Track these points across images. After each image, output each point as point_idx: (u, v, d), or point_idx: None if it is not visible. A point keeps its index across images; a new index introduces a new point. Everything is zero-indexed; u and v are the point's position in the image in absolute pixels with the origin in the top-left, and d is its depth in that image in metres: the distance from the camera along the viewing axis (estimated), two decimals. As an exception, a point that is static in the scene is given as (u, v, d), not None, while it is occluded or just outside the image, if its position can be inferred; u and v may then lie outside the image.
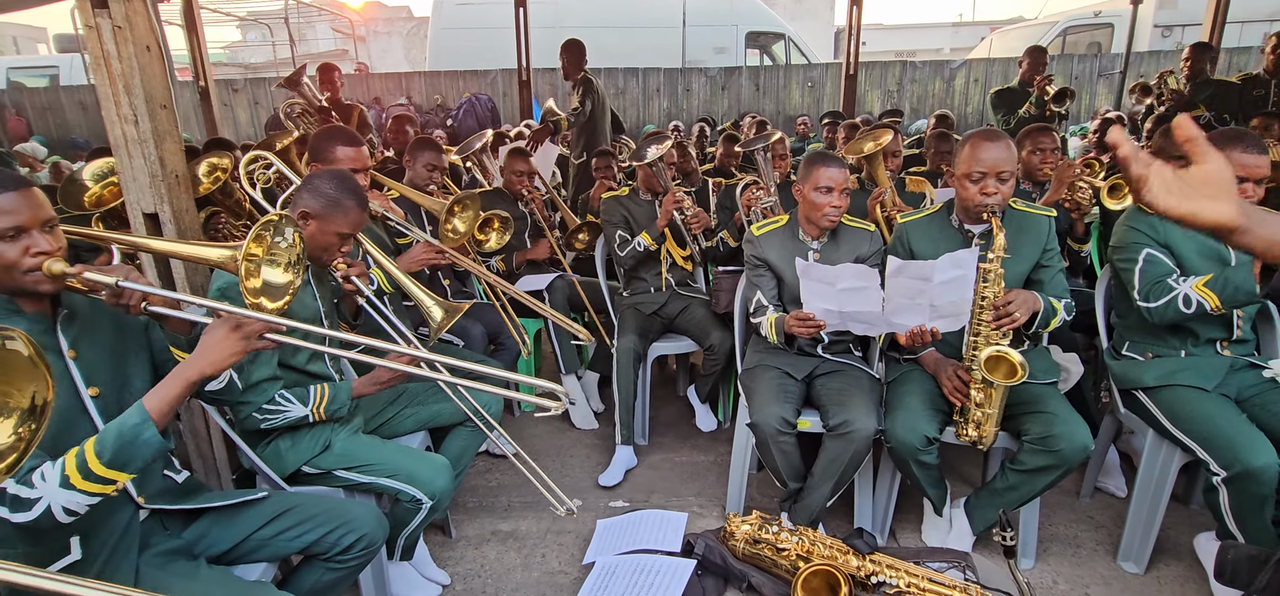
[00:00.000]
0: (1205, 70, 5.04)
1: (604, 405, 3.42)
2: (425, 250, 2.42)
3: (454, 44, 10.04)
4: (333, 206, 1.83)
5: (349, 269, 1.96)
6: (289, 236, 1.45)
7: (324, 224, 1.83)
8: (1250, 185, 1.97)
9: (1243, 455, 1.79)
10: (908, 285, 1.87)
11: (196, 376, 1.30)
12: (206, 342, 1.32)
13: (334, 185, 1.85)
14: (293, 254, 1.45)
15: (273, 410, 1.73)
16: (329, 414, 1.83)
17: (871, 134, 3.14)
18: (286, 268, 1.43)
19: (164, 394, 1.27)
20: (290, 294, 1.41)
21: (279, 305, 1.37)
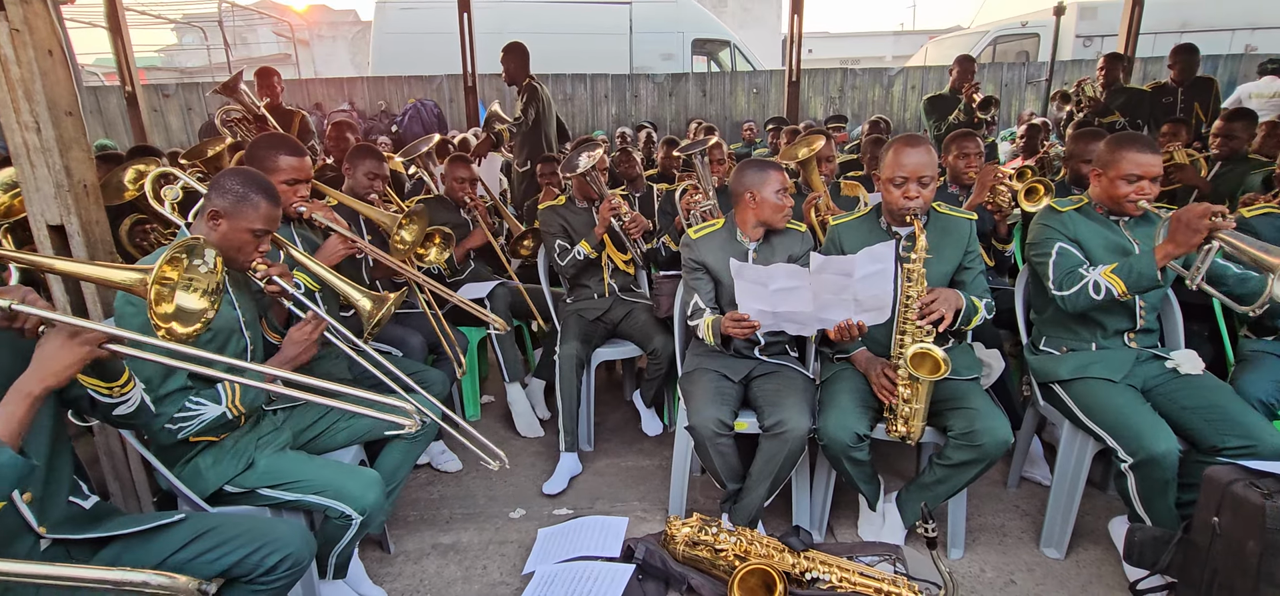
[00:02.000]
0: (1119, 79, 5.34)
1: (550, 412, 3.40)
2: (340, 241, 2.36)
3: (398, 49, 9.85)
4: (242, 202, 1.77)
5: (269, 269, 1.88)
6: (210, 261, 1.40)
7: (235, 222, 1.77)
8: (1146, 183, 2.10)
9: (1147, 442, 1.90)
10: (832, 280, 1.93)
11: (39, 389, 1.22)
12: (42, 353, 1.24)
13: (241, 181, 1.79)
14: (212, 281, 1.39)
15: (186, 416, 1.65)
16: (248, 406, 1.75)
17: (805, 140, 3.21)
18: (203, 294, 1.37)
19: (7, 412, 1.20)
20: (202, 323, 1.36)
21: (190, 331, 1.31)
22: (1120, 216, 2.20)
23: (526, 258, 3.72)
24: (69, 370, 1.26)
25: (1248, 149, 4.00)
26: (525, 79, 4.91)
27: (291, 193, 2.29)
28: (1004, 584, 2.16)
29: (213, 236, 1.78)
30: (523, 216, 4.64)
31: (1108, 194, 2.18)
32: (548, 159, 4.42)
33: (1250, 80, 7.75)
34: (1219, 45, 9.98)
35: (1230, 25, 10.65)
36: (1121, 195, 2.13)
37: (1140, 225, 2.20)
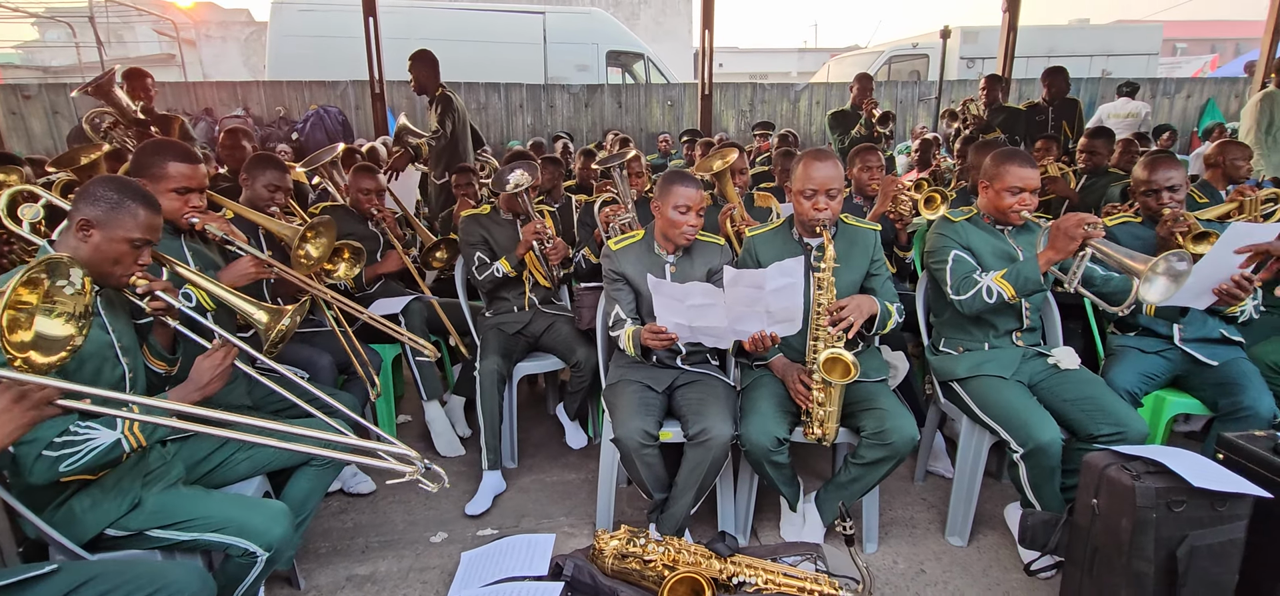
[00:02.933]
0: (999, 98, 5.82)
1: (471, 429, 3.31)
2: (252, 263, 2.21)
3: (296, 52, 9.34)
4: (117, 209, 1.61)
5: (151, 285, 1.71)
6: (77, 281, 1.26)
7: (110, 231, 1.61)
8: (1027, 194, 2.30)
9: (1034, 433, 2.07)
10: (745, 293, 1.98)
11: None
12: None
13: (116, 187, 1.64)
14: (80, 304, 1.26)
15: (70, 444, 1.45)
16: (150, 438, 1.59)
17: (719, 153, 3.30)
18: (69, 319, 1.24)
19: None
20: (68, 350, 1.23)
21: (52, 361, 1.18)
22: (1005, 225, 2.40)
23: (441, 270, 3.61)
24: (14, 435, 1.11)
25: (1108, 164, 4.45)
26: (437, 88, 4.77)
27: (182, 202, 2.12)
28: (915, 573, 2.28)
29: (83, 250, 1.61)
30: (438, 229, 4.51)
31: (994, 205, 2.37)
32: (463, 169, 4.32)
33: (1108, 102, 8.67)
34: (1080, 70, 11.09)
35: (1089, 52, 11.90)
36: (1006, 206, 2.32)
37: (1022, 234, 2.40)
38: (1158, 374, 2.47)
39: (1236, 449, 1.92)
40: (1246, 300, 2.24)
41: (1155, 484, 1.73)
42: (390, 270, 3.36)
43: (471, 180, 4.24)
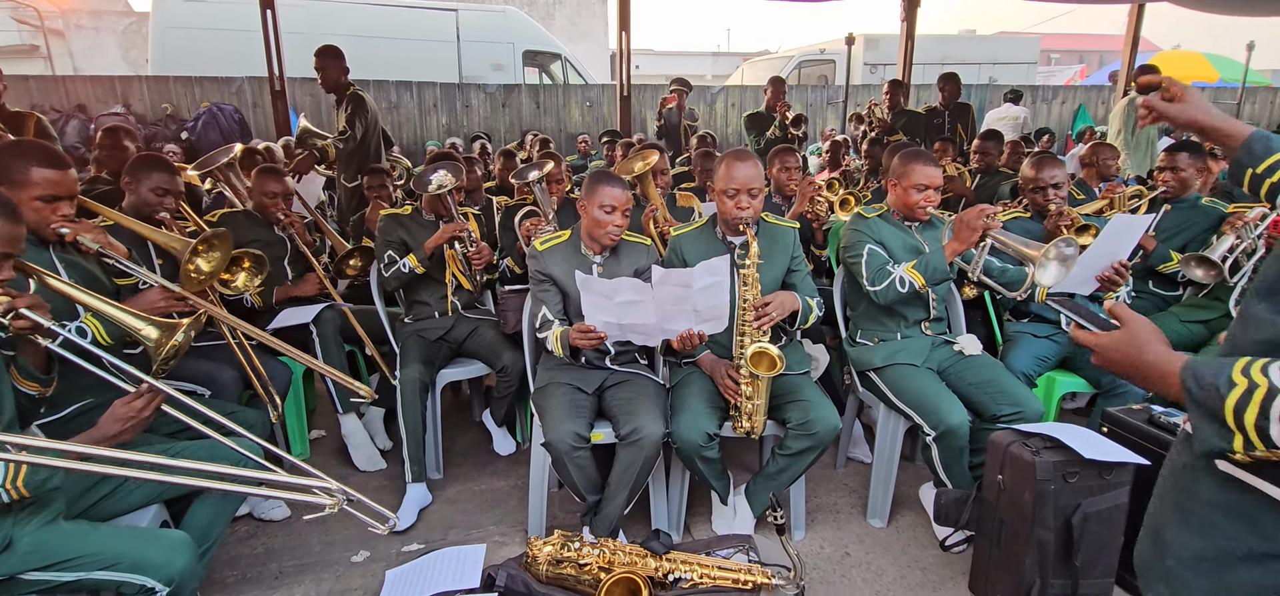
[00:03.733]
0: (901, 102, 6.16)
1: (391, 441, 3.17)
2: (161, 297, 2.02)
3: (184, 45, 8.65)
4: None
5: (14, 302, 1.53)
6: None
7: None
8: (931, 191, 2.45)
9: (945, 417, 2.20)
10: (673, 292, 2.00)
11: None
12: None
13: None
14: None
15: None
16: (33, 489, 1.42)
17: (640, 154, 3.33)
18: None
19: None
20: None
21: None
22: (912, 221, 2.54)
23: (355, 277, 3.43)
24: None
25: (999, 163, 4.81)
26: (346, 86, 4.54)
27: (49, 211, 1.93)
28: (840, 556, 2.38)
29: None
30: (349, 234, 4.29)
31: (902, 202, 2.51)
32: (375, 170, 4.14)
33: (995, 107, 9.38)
34: (969, 76, 11.93)
35: (977, 60, 12.83)
36: (913, 202, 2.46)
37: (927, 229, 2.55)
38: (1048, 356, 2.68)
39: (1118, 422, 2.11)
40: (1122, 287, 2.48)
41: (1052, 458, 1.88)
42: (307, 293, 3.15)
43: (385, 182, 4.06)
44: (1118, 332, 1.05)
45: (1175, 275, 2.93)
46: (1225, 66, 13.55)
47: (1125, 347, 1.03)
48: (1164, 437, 1.98)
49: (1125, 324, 1.04)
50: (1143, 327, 1.03)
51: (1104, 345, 1.06)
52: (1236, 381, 0.87)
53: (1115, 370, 1.06)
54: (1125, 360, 1.03)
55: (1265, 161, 1.23)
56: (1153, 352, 1.01)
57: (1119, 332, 1.04)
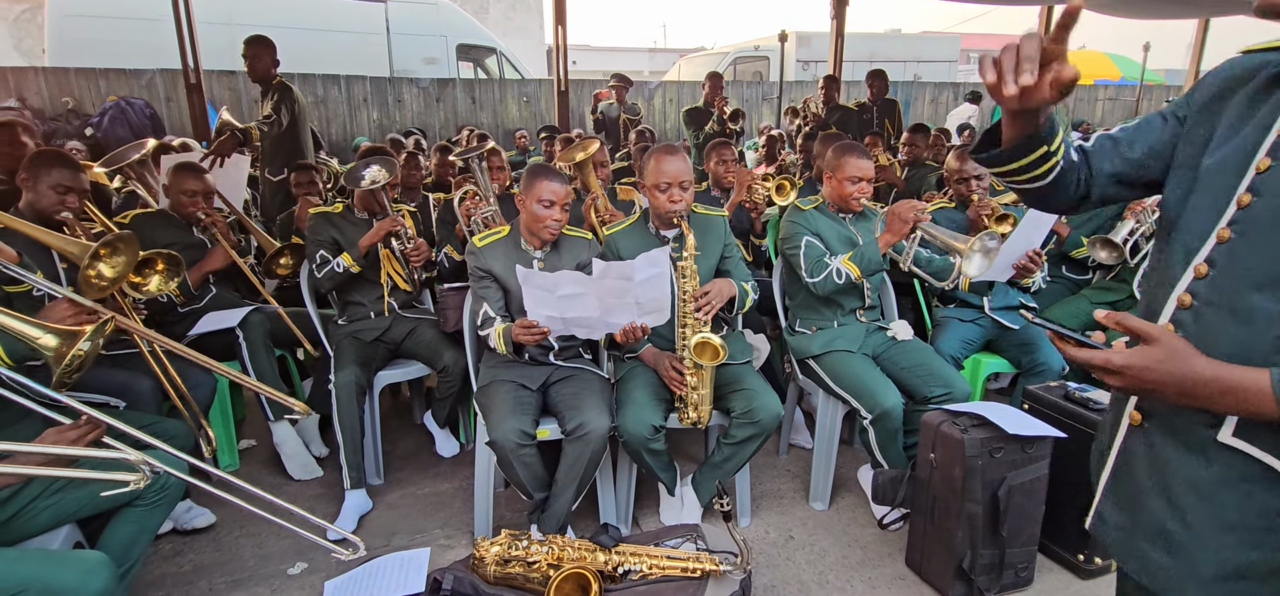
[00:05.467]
0: (835, 98, 6.35)
1: (328, 448, 3.05)
2: (68, 309, 1.87)
3: (84, 35, 8.03)
4: None
5: None
6: None
7: None
8: (864, 183, 2.54)
9: (880, 400, 2.29)
10: (614, 285, 2.01)
11: None
12: None
13: None
14: None
15: None
16: None
17: (582, 144, 3.32)
18: None
19: None
20: None
21: None
22: (846, 213, 2.62)
23: (285, 277, 3.27)
24: None
25: (926, 155, 5.02)
26: (274, 77, 4.32)
27: None
28: (784, 540, 2.44)
29: None
30: (276, 233, 4.10)
31: (836, 194, 2.59)
32: (303, 166, 3.96)
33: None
34: (895, 74, 12.42)
35: (902, 58, 13.37)
36: (847, 194, 2.55)
37: (860, 220, 2.64)
38: (974, 339, 2.83)
39: (1038, 399, 2.25)
40: (1037, 273, 2.64)
41: (980, 435, 1.98)
42: (216, 267, 2.97)
43: (314, 178, 3.90)
44: (1152, 350, 0.89)
45: (1085, 260, 3.14)
46: (1125, 65, 14.58)
47: (1166, 363, 0.88)
48: (1081, 413, 2.12)
49: (1156, 339, 0.89)
50: (1178, 339, 0.90)
51: (1139, 366, 0.89)
52: None
53: (1154, 391, 0.90)
54: (1170, 378, 0.88)
55: (1056, 138, 1.13)
56: (1203, 363, 0.88)
57: (1154, 349, 0.89)
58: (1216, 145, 1.01)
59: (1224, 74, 1.04)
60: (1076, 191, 1.14)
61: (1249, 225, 0.94)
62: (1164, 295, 1.03)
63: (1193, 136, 1.06)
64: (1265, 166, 0.93)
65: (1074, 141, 1.13)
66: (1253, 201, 0.94)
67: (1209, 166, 1.00)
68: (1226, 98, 1.03)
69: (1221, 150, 1.00)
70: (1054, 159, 1.07)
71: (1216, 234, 0.97)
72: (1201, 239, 0.99)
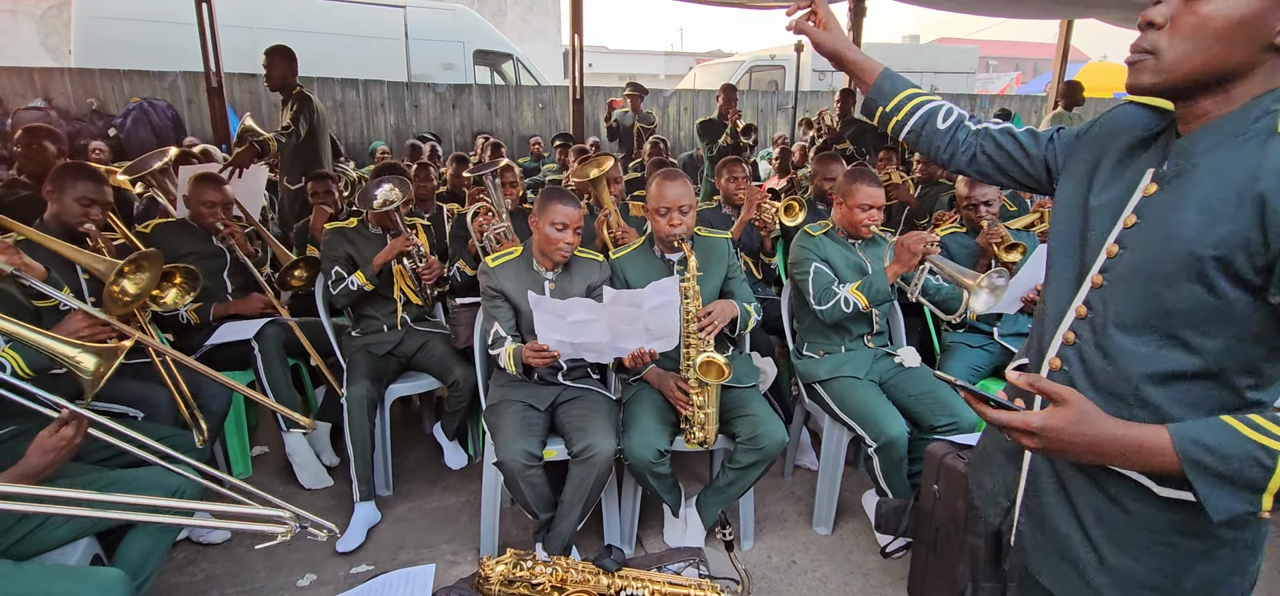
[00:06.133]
0: (851, 111, 6.34)
1: (338, 458, 3.10)
2: (84, 323, 1.93)
3: (110, 36, 8.18)
4: None
5: None
6: None
7: None
8: (874, 211, 2.55)
9: (885, 429, 2.29)
10: (624, 312, 2.05)
11: None
12: None
13: None
14: None
15: None
16: None
17: (595, 161, 3.35)
18: None
19: None
20: None
21: None
22: (856, 239, 2.63)
23: (300, 288, 3.33)
24: None
25: (940, 174, 5.00)
26: (294, 87, 4.39)
27: None
28: (787, 565, 2.45)
29: None
30: (292, 241, 4.17)
31: (847, 219, 2.60)
32: (319, 176, 4.03)
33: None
34: (913, 84, 12.35)
35: (919, 69, 13.29)
36: (857, 221, 2.56)
37: (870, 246, 2.65)
38: (982, 365, 2.82)
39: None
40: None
41: (983, 469, 1.98)
42: (249, 313, 3.05)
43: (330, 188, 3.96)
44: (1062, 411, 0.94)
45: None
46: (1145, 79, 14.34)
47: (1077, 425, 0.93)
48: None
49: (1065, 400, 0.94)
50: (1085, 402, 0.95)
51: (1053, 429, 0.94)
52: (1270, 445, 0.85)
53: (1065, 450, 0.95)
54: (1078, 438, 0.93)
55: (892, 100, 1.34)
56: (1110, 425, 0.94)
57: (1064, 411, 0.94)
58: (1100, 187, 1.11)
59: (1111, 118, 1.15)
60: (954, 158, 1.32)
61: (1117, 275, 1.04)
62: (1051, 331, 1.14)
63: (1073, 170, 1.17)
64: (1132, 222, 1.03)
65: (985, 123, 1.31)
66: (1120, 253, 1.04)
67: (1095, 208, 1.10)
68: (1110, 141, 1.13)
69: (1104, 194, 1.09)
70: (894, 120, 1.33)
71: (1091, 279, 1.08)
72: (1079, 283, 1.10)
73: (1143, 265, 1.00)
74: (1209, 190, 0.95)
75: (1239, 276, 0.92)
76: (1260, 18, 0.89)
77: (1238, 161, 0.93)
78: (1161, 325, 1.00)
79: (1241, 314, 0.94)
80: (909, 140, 1.36)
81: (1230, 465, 0.87)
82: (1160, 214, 0.99)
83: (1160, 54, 0.96)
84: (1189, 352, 0.98)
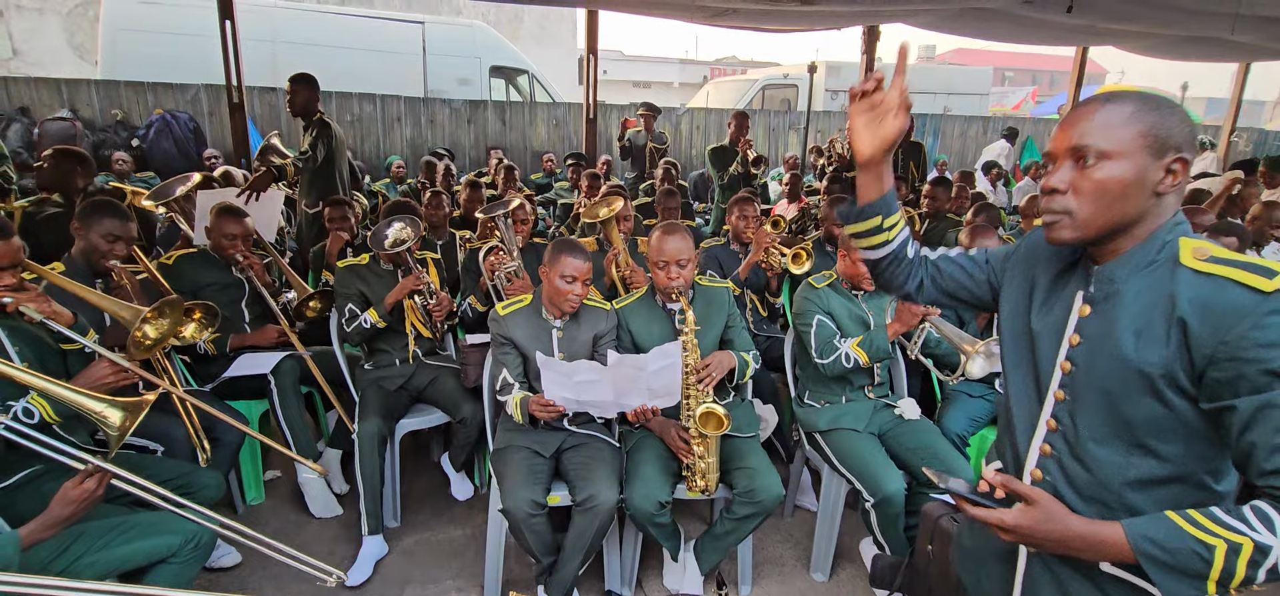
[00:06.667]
0: (859, 140, 6.37)
1: (348, 484, 3.18)
2: (110, 371, 2.01)
3: (135, 49, 8.37)
4: None
5: None
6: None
7: None
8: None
9: (883, 485, 2.33)
10: (627, 373, 2.12)
11: None
12: None
13: None
14: None
15: None
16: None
17: (605, 201, 3.42)
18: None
19: None
20: None
21: None
22: (858, 290, 2.68)
23: (314, 317, 3.41)
24: None
25: (947, 208, 5.03)
26: (315, 113, 4.50)
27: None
28: (783, 613, 2.50)
29: None
30: (309, 264, 4.26)
31: (850, 271, 2.65)
32: (336, 201, 4.12)
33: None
34: (926, 105, 12.39)
35: (933, 90, 13.30)
36: (860, 274, 2.61)
37: (873, 298, 2.69)
38: (981, 416, 2.85)
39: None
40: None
41: (976, 534, 2.02)
42: (264, 344, 3.14)
43: (346, 214, 4.05)
44: (1032, 510, 1.07)
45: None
46: (1162, 103, 14.28)
47: (1046, 524, 1.06)
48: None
49: (1035, 501, 1.07)
50: (1053, 503, 1.08)
51: (1025, 527, 1.06)
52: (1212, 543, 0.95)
53: (1037, 544, 1.09)
54: (1048, 535, 1.06)
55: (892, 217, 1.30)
56: (1076, 522, 1.06)
57: (1034, 510, 1.07)
58: (1038, 310, 1.20)
59: (1033, 243, 1.26)
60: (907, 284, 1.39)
61: (1077, 390, 1.13)
62: (1026, 444, 1.21)
63: (1010, 291, 1.27)
64: (1076, 342, 1.13)
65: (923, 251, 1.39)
66: (1073, 370, 1.13)
67: (1038, 331, 1.19)
68: (1037, 265, 1.24)
69: (1044, 318, 1.19)
70: (884, 236, 1.31)
71: (1053, 394, 1.16)
72: (1041, 398, 1.18)
73: (1098, 381, 1.10)
74: (1137, 313, 1.07)
75: (1182, 389, 1.03)
76: (1143, 175, 1.04)
77: (1155, 286, 1.06)
78: (1126, 435, 1.09)
79: (1192, 421, 1.04)
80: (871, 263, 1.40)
81: (1175, 557, 0.98)
82: (1100, 332, 1.10)
83: (1073, 215, 1.08)
84: (1158, 459, 1.08)
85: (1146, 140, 1.03)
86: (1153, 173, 1.04)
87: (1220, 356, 0.98)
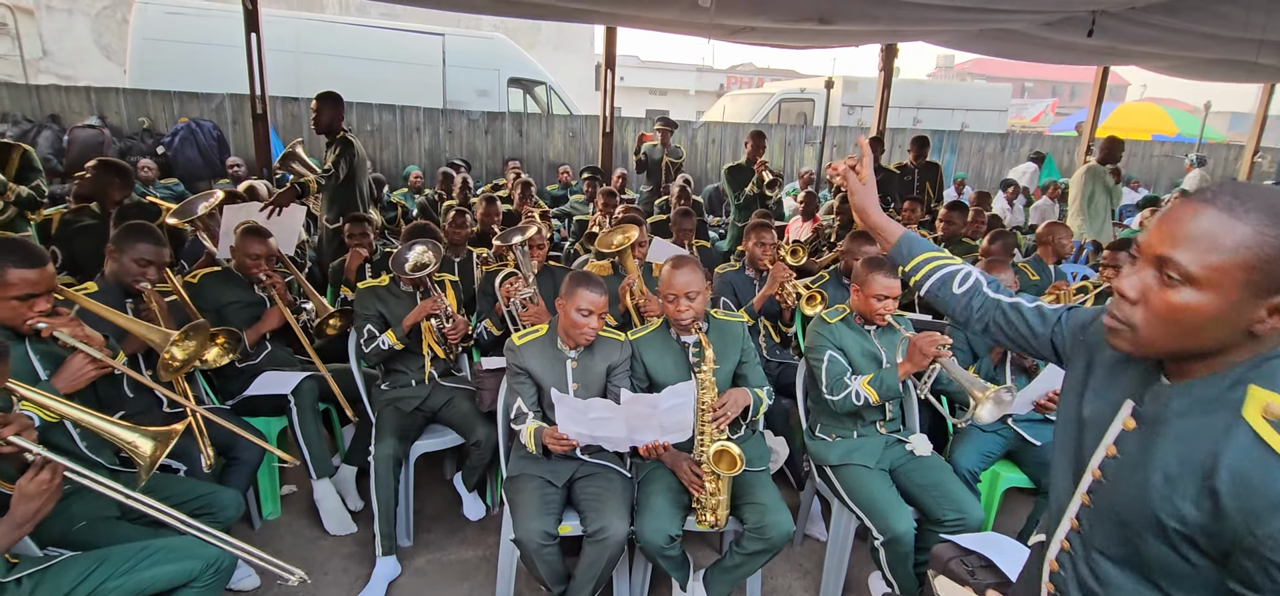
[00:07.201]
0: (877, 160, 6.38)
1: (362, 501, 3.22)
2: (87, 364, 2.03)
3: (163, 58, 8.55)
4: None
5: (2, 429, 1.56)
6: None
7: None
8: (890, 300, 2.60)
9: (892, 524, 2.34)
10: (640, 411, 2.15)
11: None
12: None
13: None
14: None
15: None
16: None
17: (620, 229, 3.46)
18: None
19: None
20: None
21: None
22: (871, 326, 2.69)
23: (333, 336, 3.48)
24: None
25: (963, 233, 5.02)
26: (339, 131, 4.57)
27: (25, 308, 1.99)
28: (791, 648, 2.50)
29: None
30: (327, 278, 4.34)
31: (862, 306, 2.66)
32: (356, 217, 4.19)
33: (965, 153, 9.73)
34: (942, 121, 12.33)
35: (951, 106, 13.25)
36: (873, 309, 2.61)
37: (885, 334, 2.70)
38: (994, 452, 2.85)
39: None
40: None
41: (986, 580, 2.02)
42: (272, 327, 3.20)
43: (366, 230, 4.12)
44: None
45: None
46: (1184, 121, 14.12)
47: None
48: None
49: None
50: None
51: None
52: None
53: None
54: None
55: (911, 262, 1.46)
56: None
57: None
58: (1091, 396, 1.11)
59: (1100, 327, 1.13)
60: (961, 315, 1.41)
61: (1098, 505, 1.05)
62: (1055, 530, 1.14)
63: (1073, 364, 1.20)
64: (1113, 453, 1.03)
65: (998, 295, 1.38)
66: (1102, 480, 1.04)
67: (1086, 419, 1.10)
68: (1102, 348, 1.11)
69: (1093, 406, 1.10)
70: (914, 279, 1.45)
71: (1081, 495, 1.07)
72: (1075, 486, 1.10)
73: (1117, 510, 1.01)
74: (1173, 459, 0.94)
75: (1203, 550, 0.92)
76: (1233, 313, 0.86)
77: (1204, 434, 0.91)
78: (1140, 567, 1.00)
79: (1214, 581, 0.93)
80: (928, 298, 1.46)
81: None
82: (1134, 458, 1.00)
83: (1136, 330, 0.95)
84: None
85: (1250, 276, 0.84)
86: (1249, 311, 0.86)
87: (1249, 546, 0.84)
